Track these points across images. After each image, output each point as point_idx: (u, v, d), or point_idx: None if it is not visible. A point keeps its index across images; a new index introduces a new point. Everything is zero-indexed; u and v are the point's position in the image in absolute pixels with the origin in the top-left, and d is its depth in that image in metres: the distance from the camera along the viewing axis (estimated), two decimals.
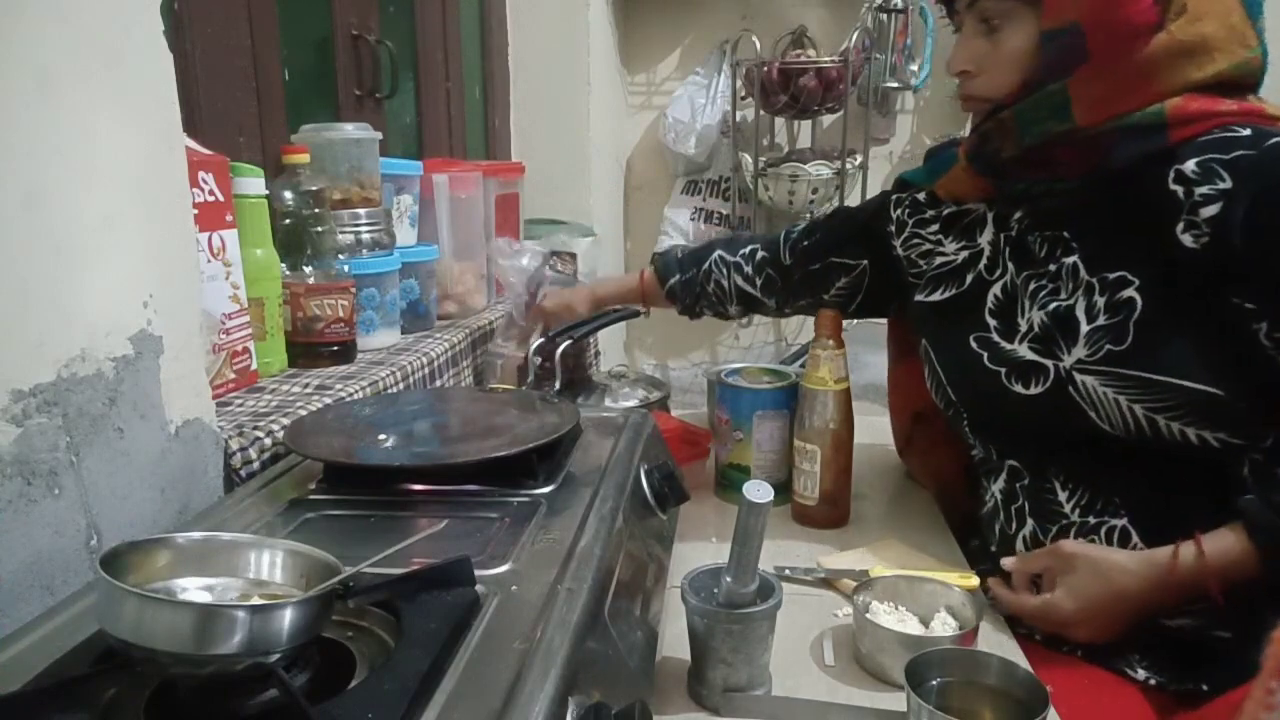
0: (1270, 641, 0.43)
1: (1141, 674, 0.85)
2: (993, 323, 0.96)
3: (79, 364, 0.67)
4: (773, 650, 0.76)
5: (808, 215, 2.47)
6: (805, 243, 1.19)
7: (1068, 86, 0.83)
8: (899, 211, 1.11)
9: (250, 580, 0.54)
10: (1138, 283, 0.83)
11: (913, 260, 1.09)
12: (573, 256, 1.53)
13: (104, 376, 0.70)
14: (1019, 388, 0.90)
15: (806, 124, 2.47)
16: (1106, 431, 0.85)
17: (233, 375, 1.00)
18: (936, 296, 1.04)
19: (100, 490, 0.69)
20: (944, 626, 0.81)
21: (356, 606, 0.55)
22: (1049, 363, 0.88)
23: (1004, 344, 0.93)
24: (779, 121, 2.46)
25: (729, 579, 0.74)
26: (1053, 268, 0.91)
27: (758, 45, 2.26)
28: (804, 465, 1.08)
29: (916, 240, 1.08)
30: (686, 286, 1.26)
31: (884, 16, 2.26)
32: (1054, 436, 0.89)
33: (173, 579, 0.52)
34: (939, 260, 1.05)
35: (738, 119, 2.40)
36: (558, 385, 1.23)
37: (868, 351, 2.38)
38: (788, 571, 0.96)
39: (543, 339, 1.27)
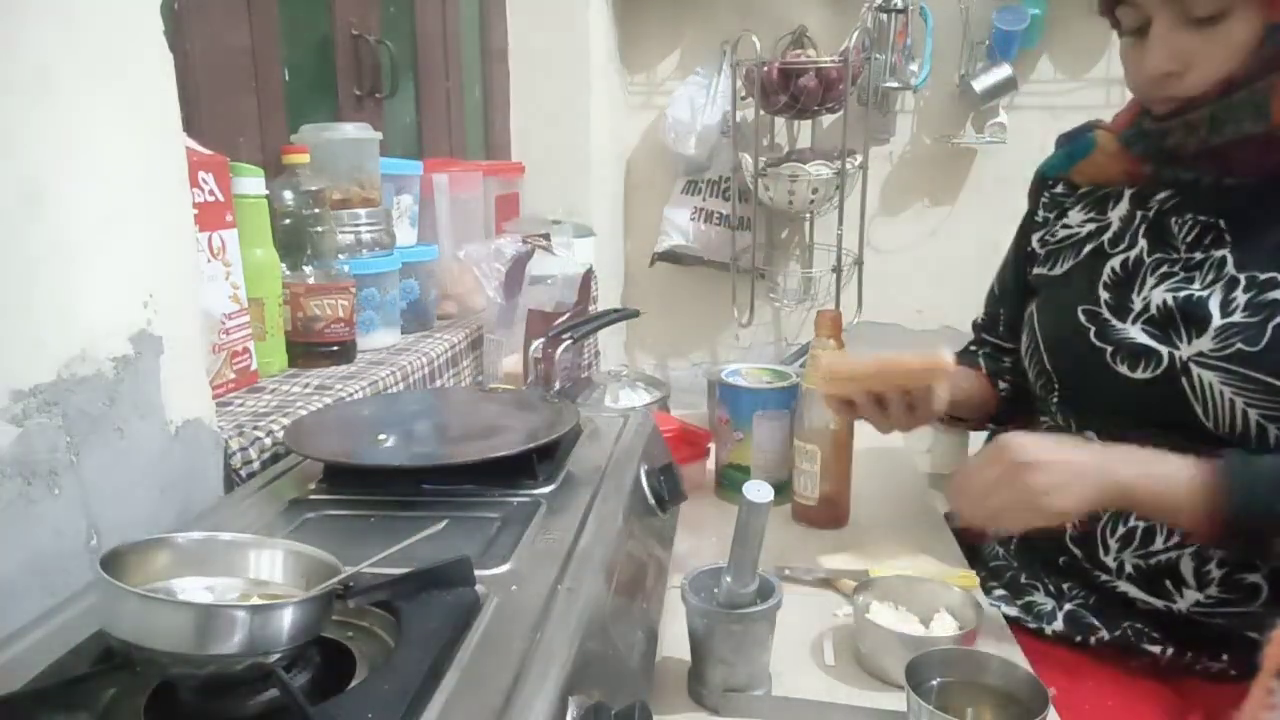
0: (1270, 641, 0.43)
1: (1155, 649, 0.86)
2: (1105, 296, 0.92)
3: (79, 364, 0.67)
4: (773, 650, 0.76)
5: (807, 215, 2.47)
6: (1000, 315, 1.13)
7: (1274, 84, 0.78)
8: (1044, 211, 1.05)
9: (250, 580, 0.54)
10: None
11: (1044, 240, 1.04)
12: (546, 236, 1.53)
13: (104, 376, 0.69)
14: (1124, 369, 0.87)
15: (806, 124, 2.47)
16: (1205, 427, 0.83)
17: (233, 375, 1.00)
18: (1055, 270, 1.00)
19: (100, 490, 0.69)
20: (944, 627, 0.81)
21: (356, 606, 0.55)
22: (1164, 349, 0.85)
23: (1115, 322, 0.90)
24: (779, 121, 2.46)
25: (729, 579, 0.74)
26: (1198, 255, 0.87)
27: (758, 45, 2.26)
28: (804, 465, 1.08)
29: (1057, 228, 1.03)
30: (997, 359, 1.14)
31: (884, 16, 2.25)
32: (1147, 421, 0.86)
33: (173, 579, 0.52)
34: (1062, 234, 1.01)
35: (738, 119, 2.39)
36: (557, 385, 1.23)
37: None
38: (787, 571, 0.96)
39: (542, 339, 1.27)
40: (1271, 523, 0.76)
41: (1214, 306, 0.83)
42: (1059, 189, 1.04)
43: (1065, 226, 1.01)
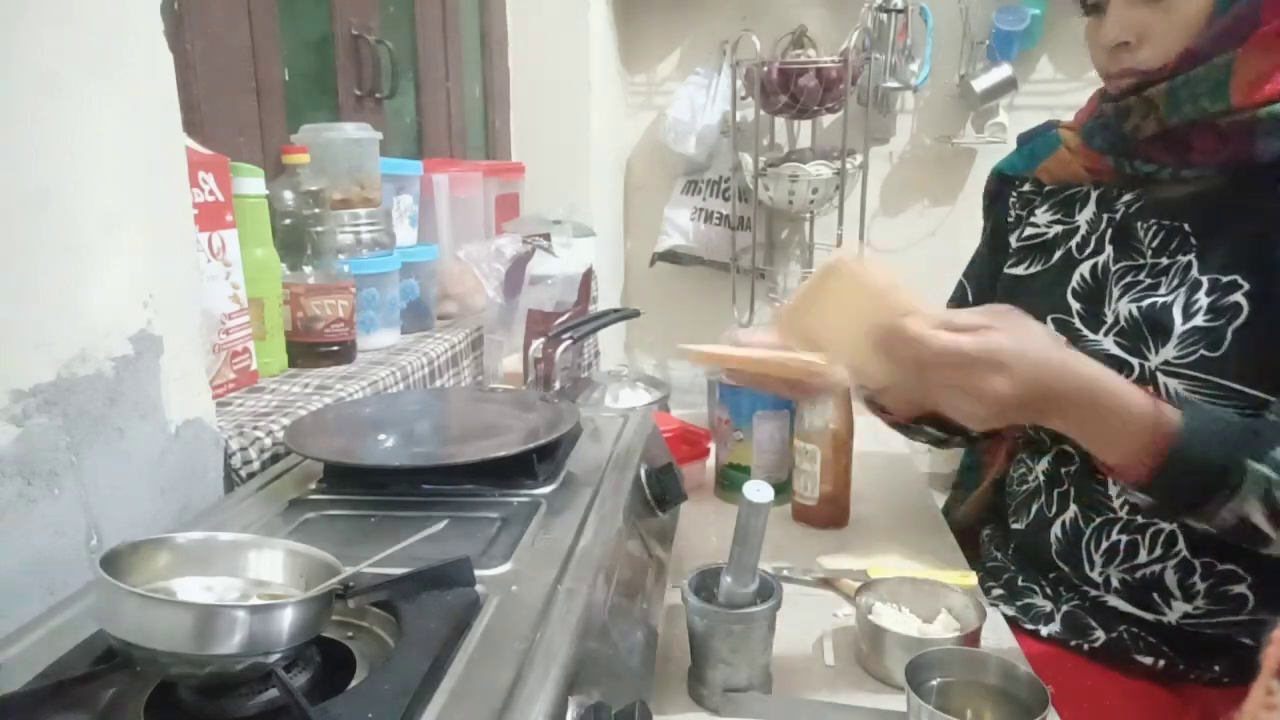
0: (1270, 642, 0.43)
1: (1149, 659, 0.85)
2: (1075, 305, 0.90)
3: (79, 364, 0.67)
4: (773, 650, 0.76)
5: (807, 215, 2.47)
6: None
7: (1235, 59, 0.76)
8: (1013, 210, 1.03)
9: (250, 580, 0.54)
10: (1247, 288, 0.78)
11: (1017, 238, 1.02)
12: (547, 237, 1.53)
13: (104, 376, 0.70)
14: None
15: (806, 124, 2.47)
16: None
17: (233, 375, 1.00)
18: (1020, 270, 0.98)
19: (100, 490, 0.69)
20: (946, 628, 0.81)
21: (356, 606, 0.55)
22: (1135, 361, 0.83)
23: (1088, 334, 0.88)
24: (779, 121, 2.46)
25: (729, 579, 0.74)
26: (1164, 261, 0.85)
27: (758, 45, 2.26)
28: (804, 465, 1.08)
29: (1025, 228, 1.01)
30: None
31: (884, 16, 2.25)
32: None
33: (173, 579, 0.52)
34: (1029, 232, 0.99)
35: (738, 119, 2.39)
36: (557, 385, 1.23)
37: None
38: (786, 572, 0.96)
39: (542, 339, 1.27)
40: (1200, 476, 0.71)
41: (1176, 312, 0.81)
42: (1026, 188, 1.03)
43: (1032, 225, 0.99)
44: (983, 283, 1.11)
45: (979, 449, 1.19)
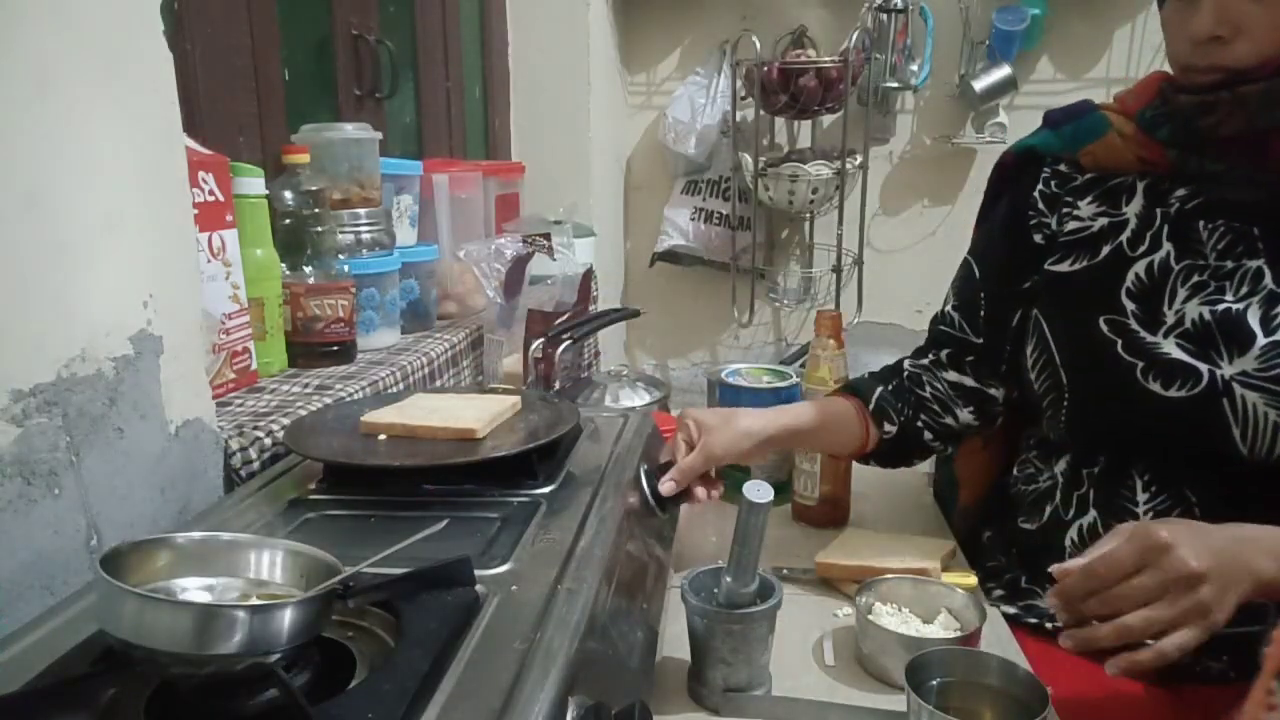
0: (1270, 641, 0.43)
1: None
2: (1130, 306, 0.85)
3: (79, 364, 0.67)
4: (773, 650, 0.76)
5: (807, 215, 2.47)
6: (980, 301, 0.99)
7: None
8: (1046, 188, 0.95)
9: (250, 580, 0.54)
10: None
11: (1053, 230, 0.95)
12: (547, 237, 1.53)
13: (104, 376, 0.70)
14: (1156, 386, 0.82)
15: (806, 124, 2.47)
16: (1238, 451, 0.79)
17: (233, 375, 1.00)
18: (1064, 267, 0.91)
19: (100, 490, 0.69)
20: (946, 628, 0.81)
21: (356, 606, 0.55)
22: (1203, 367, 0.80)
23: (1144, 334, 0.83)
24: (779, 121, 2.46)
25: (729, 579, 0.74)
26: (1229, 264, 0.81)
27: (758, 45, 2.26)
28: (804, 465, 1.08)
29: (1066, 210, 0.94)
30: (900, 395, 1.00)
31: (884, 16, 2.25)
32: (1171, 443, 0.81)
33: (173, 579, 0.52)
34: (1071, 225, 0.92)
35: (738, 119, 2.39)
36: (557, 385, 1.23)
37: (868, 351, 2.39)
38: (786, 571, 0.96)
39: (542, 339, 1.27)
40: None
41: (1254, 322, 0.78)
42: (1063, 168, 0.95)
43: (1075, 218, 0.92)
44: (992, 263, 1.01)
45: (955, 466, 1.15)
